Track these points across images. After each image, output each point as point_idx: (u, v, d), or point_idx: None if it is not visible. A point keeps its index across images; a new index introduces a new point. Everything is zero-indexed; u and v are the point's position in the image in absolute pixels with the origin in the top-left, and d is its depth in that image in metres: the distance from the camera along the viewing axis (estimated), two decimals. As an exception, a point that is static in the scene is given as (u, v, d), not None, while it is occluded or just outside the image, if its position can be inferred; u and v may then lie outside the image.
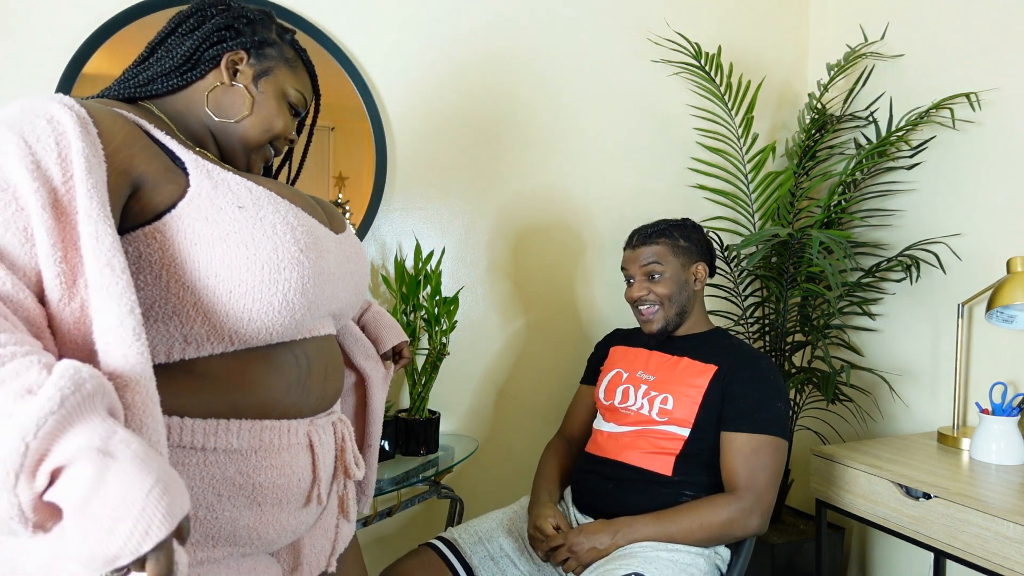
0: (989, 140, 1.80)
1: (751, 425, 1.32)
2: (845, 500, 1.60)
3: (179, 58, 0.83)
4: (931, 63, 1.95)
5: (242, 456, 0.72)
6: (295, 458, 0.76)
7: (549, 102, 1.98)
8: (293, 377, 0.77)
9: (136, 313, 0.59)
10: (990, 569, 1.30)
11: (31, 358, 0.50)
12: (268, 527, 0.75)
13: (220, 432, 0.70)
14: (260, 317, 0.70)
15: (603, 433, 1.47)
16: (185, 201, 0.69)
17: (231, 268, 0.68)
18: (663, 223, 1.50)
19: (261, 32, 0.89)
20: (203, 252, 0.67)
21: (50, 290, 0.58)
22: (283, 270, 0.71)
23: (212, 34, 0.85)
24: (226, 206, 0.70)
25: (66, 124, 0.62)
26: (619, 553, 1.26)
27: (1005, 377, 1.74)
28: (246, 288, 0.68)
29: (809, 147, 2.12)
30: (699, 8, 2.15)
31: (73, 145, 0.61)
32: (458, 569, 1.31)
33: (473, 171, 1.90)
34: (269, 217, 0.72)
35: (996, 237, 1.78)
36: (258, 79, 0.88)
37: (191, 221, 0.68)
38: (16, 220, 0.58)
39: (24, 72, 1.50)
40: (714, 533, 1.27)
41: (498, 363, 1.96)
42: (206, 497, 0.70)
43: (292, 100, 0.91)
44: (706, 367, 1.41)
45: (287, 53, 0.91)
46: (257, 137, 0.88)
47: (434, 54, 1.84)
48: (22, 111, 0.63)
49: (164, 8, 1.58)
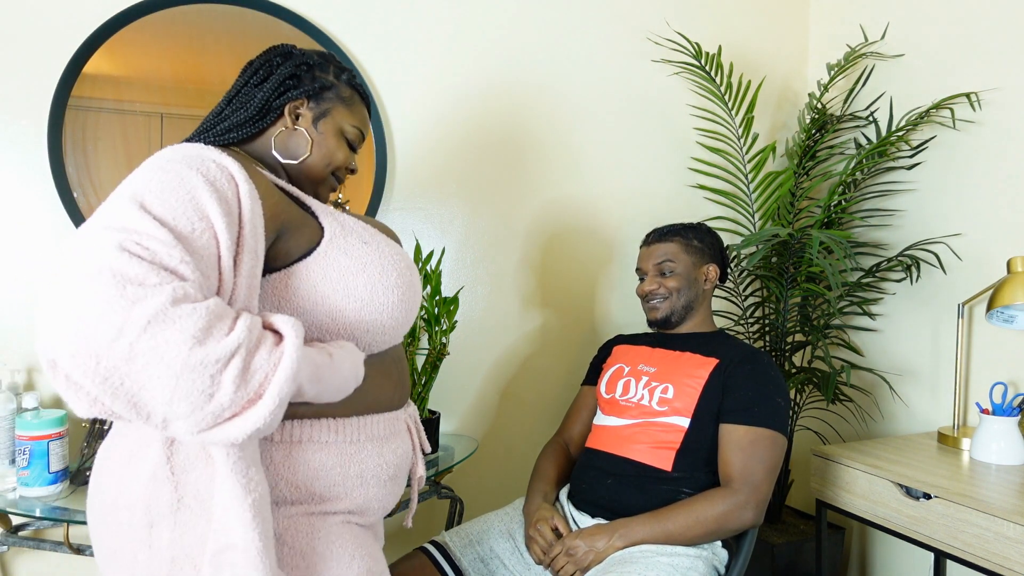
0: (989, 140, 1.80)
1: (749, 418, 1.33)
2: (845, 500, 1.60)
3: (253, 109, 0.94)
4: (931, 63, 1.95)
5: (380, 442, 0.87)
6: (404, 441, 0.93)
7: (549, 102, 1.98)
8: (397, 376, 0.93)
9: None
10: (990, 569, 1.30)
11: (256, 323, 0.67)
12: (390, 498, 0.91)
13: (365, 425, 0.86)
14: (392, 330, 0.88)
15: (604, 428, 1.47)
16: (326, 240, 0.83)
17: (373, 293, 0.83)
18: (679, 224, 1.56)
19: (320, 77, 0.98)
20: (348, 282, 0.82)
21: None
22: (407, 290, 0.88)
23: (279, 85, 0.95)
24: (356, 242, 0.85)
25: (232, 168, 0.74)
26: (619, 558, 1.26)
27: (1005, 377, 1.74)
28: (385, 307, 0.85)
29: (809, 147, 2.12)
30: (699, 8, 2.15)
31: (241, 188, 0.73)
32: (448, 572, 1.31)
33: (473, 171, 1.90)
34: (384, 248, 0.87)
35: (996, 237, 1.78)
36: (317, 121, 0.97)
37: (335, 256, 0.82)
38: (210, 248, 0.68)
39: (24, 72, 1.50)
40: (710, 528, 1.27)
41: (498, 363, 1.96)
42: (354, 480, 0.84)
43: (350, 136, 1.00)
44: (707, 360, 1.42)
45: (344, 92, 1.00)
46: (320, 171, 0.98)
47: (434, 54, 1.84)
48: (186, 156, 0.73)
49: (163, 8, 1.58)
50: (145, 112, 1.59)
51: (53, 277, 0.62)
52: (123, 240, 0.63)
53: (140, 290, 0.60)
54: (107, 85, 1.55)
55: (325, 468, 0.81)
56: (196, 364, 0.60)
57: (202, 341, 0.61)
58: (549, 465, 1.53)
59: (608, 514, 1.37)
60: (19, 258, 1.52)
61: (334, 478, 0.82)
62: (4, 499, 1.31)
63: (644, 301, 1.54)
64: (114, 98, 1.57)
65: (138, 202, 0.67)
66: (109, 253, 0.61)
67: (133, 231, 0.64)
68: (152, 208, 0.66)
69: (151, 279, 0.61)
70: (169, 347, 0.59)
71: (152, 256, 0.63)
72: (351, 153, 1.02)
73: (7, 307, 1.51)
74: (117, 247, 0.62)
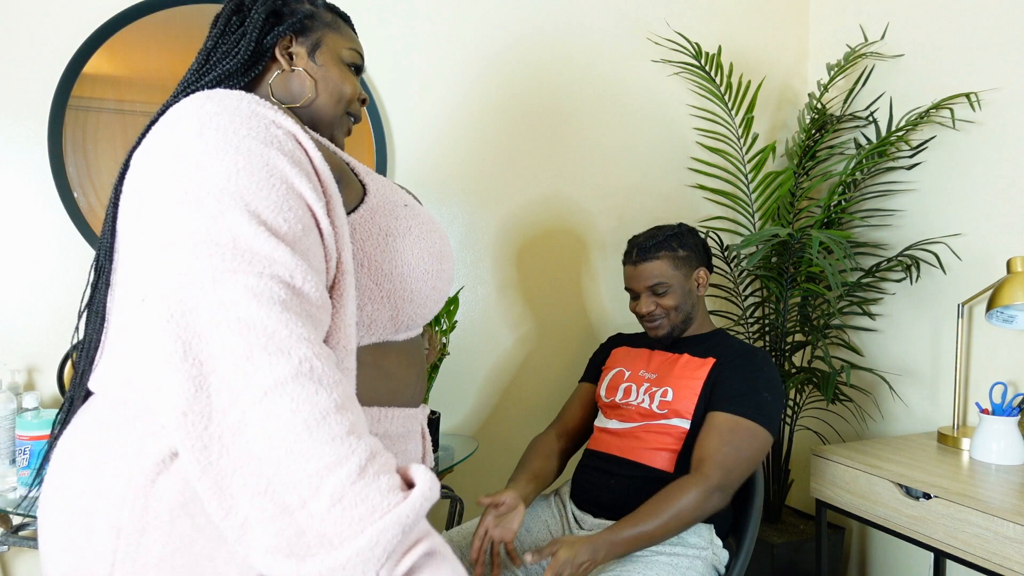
0: (989, 140, 1.80)
1: (732, 407, 1.32)
2: (845, 500, 1.60)
3: (242, 56, 0.83)
4: (931, 63, 1.95)
5: (392, 441, 0.77)
6: (415, 445, 0.83)
7: (549, 102, 1.98)
8: (418, 366, 0.84)
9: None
10: (990, 569, 1.30)
11: (389, 456, 0.57)
12: None
13: (383, 419, 0.76)
14: (429, 301, 0.79)
15: (606, 430, 1.47)
16: (372, 196, 0.76)
17: (418, 257, 0.76)
18: (659, 234, 1.49)
19: (299, 8, 0.88)
20: (394, 243, 0.74)
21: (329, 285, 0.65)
22: (445, 259, 0.80)
23: (261, 24, 0.85)
24: (397, 203, 0.78)
25: (295, 130, 0.67)
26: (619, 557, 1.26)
27: (1005, 377, 1.74)
28: (427, 275, 0.77)
29: (809, 147, 2.12)
30: (699, 8, 2.15)
31: (312, 153, 0.66)
32: None
33: (473, 171, 1.90)
34: (421, 213, 0.80)
35: (996, 237, 1.78)
36: (313, 55, 0.87)
37: (382, 215, 0.75)
38: (309, 223, 0.62)
39: (24, 72, 1.50)
40: (689, 516, 1.25)
41: (498, 363, 1.96)
42: None
43: (349, 60, 0.90)
44: (705, 360, 1.42)
45: (326, 17, 0.90)
46: (332, 110, 0.88)
47: (434, 54, 1.84)
48: (251, 126, 0.63)
49: (163, 8, 1.58)
50: (145, 112, 1.59)
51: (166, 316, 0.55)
52: (259, 281, 0.55)
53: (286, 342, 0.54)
54: (107, 85, 1.55)
55: None
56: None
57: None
58: (532, 457, 1.49)
59: (611, 514, 1.37)
60: (19, 258, 1.52)
61: None
62: (4, 499, 1.31)
63: (642, 320, 1.51)
64: (114, 98, 1.57)
65: (251, 211, 0.58)
66: (251, 301, 0.54)
67: (264, 259, 0.56)
68: (268, 219, 0.58)
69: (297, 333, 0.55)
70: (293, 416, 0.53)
71: (292, 295, 0.56)
72: (356, 79, 0.91)
73: (7, 307, 1.51)
74: (255, 294, 0.55)
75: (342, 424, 0.54)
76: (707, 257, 1.54)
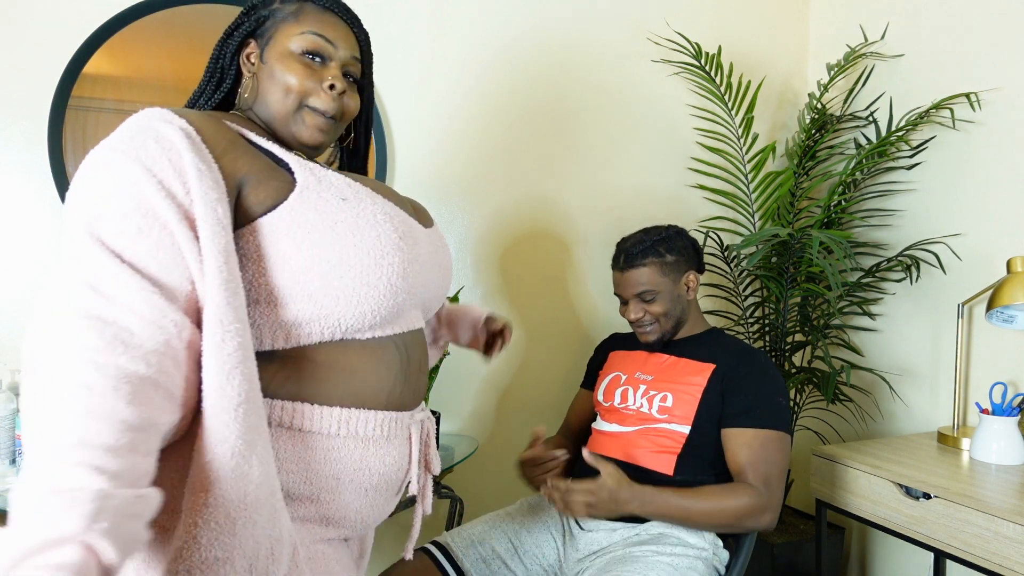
0: (989, 140, 1.80)
1: (754, 420, 1.33)
2: (845, 500, 1.60)
3: (208, 75, 0.88)
4: (931, 63, 1.95)
5: (366, 444, 0.77)
6: (399, 449, 0.82)
7: (549, 102, 1.98)
8: (398, 368, 0.81)
9: (241, 297, 0.67)
10: (990, 569, 1.30)
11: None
12: (371, 511, 0.81)
13: (350, 420, 0.75)
14: (367, 300, 0.75)
15: (604, 433, 1.47)
16: (295, 194, 0.74)
17: (341, 254, 0.73)
18: (647, 239, 1.45)
19: (260, 11, 0.86)
20: (316, 238, 0.72)
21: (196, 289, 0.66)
22: (387, 255, 0.76)
23: (225, 41, 0.87)
24: (331, 198, 0.75)
25: (173, 139, 0.68)
26: (619, 557, 1.26)
27: (1005, 377, 1.74)
28: (355, 272, 0.73)
29: (809, 147, 2.12)
30: (699, 8, 2.15)
31: (184, 157, 0.68)
32: (449, 573, 1.31)
33: (472, 171, 1.90)
34: (369, 208, 0.77)
35: (996, 237, 1.78)
36: (262, 54, 0.86)
37: (303, 212, 0.73)
38: (164, 239, 0.65)
39: (24, 72, 1.50)
40: (729, 520, 1.26)
41: (498, 364, 1.96)
42: (327, 481, 0.75)
43: (300, 48, 0.84)
44: (704, 365, 1.41)
45: (287, 10, 0.86)
46: (281, 106, 0.84)
47: (433, 55, 1.84)
48: (131, 135, 0.69)
49: (164, 8, 1.58)
50: (145, 112, 1.59)
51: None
52: (90, 298, 0.61)
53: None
54: (107, 85, 1.55)
55: (293, 460, 0.73)
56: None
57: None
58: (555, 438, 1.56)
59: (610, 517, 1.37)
60: (19, 258, 1.52)
61: (303, 474, 0.74)
62: (4, 499, 1.31)
63: (632, 325, 1.50)
64: (114, 98, 1.57)
65: (96, 236, 0.64)
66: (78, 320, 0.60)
67: (96, 278, 0.62)
68: (111, 243, 0.64)
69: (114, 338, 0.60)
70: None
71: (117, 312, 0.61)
72: (311, 72, 0.84)
73: (7, 307, 1.51)
74: (84, 313, 0.60)
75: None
76: (698, 259, 1.50)
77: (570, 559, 1.36)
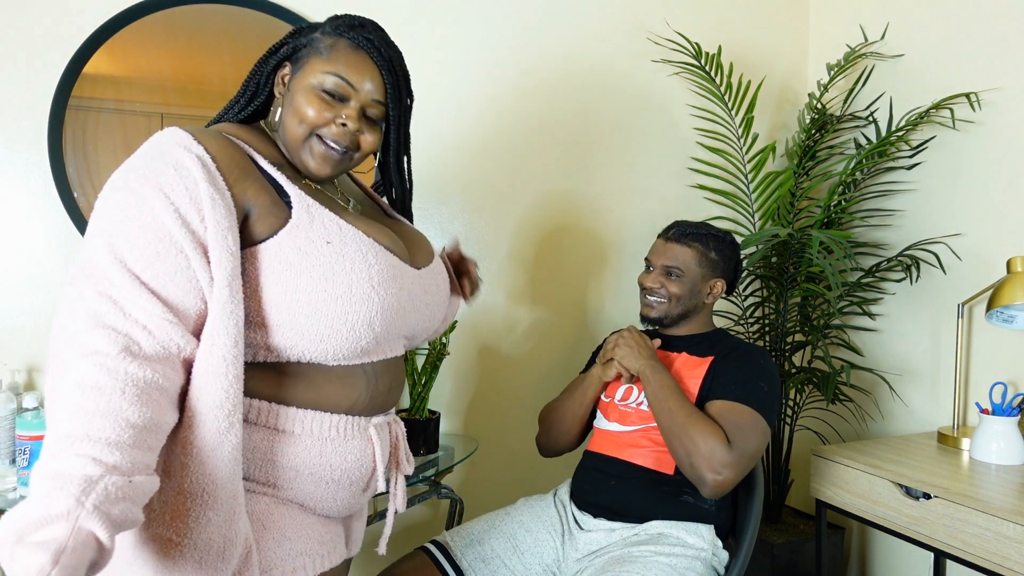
0: (989, 140, 1.80)
1: (728, 394, 1.33)
2: (845, 500, 1.60)
3: (243, 88, 0.93)
4: (931, 63, 1.95)
5: (323, 442, 0.85)
6: (360, 448, 0.89)
7: (549, 102, 1.98)
8: (362, 389, 0.89)
9: (240, 316, 0.75)
10: (990, 569, 1.30)
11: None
12: (333, 501, 0.89)
13: (304, 420, 0.84)
14: (329, 341, 0.82)
15: (605, 432, 1.47)
16: (285, 231, 0.80)
17: (311, 296, 0.79)
18: (704, 229, 1.49)
19: (303, 37, 0.90)
20: (291, 279, 0.79)
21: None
22: (354, 304, 0.81)
23: (266, 59, 0.92)
24: (317, 240, 0.81)
25: (191, 168, 0.76)
26: (617, 557, 1.26)
27: (1005, 377, 1.74)
28: (320, 316, 0.80)
29: (809, 147, 2.12)
30: (699, 8, 2.15)
31: (200, 187, 0.75)
32: (449, 572, 1.31)
33: (472, 171, 1.90)
34: (351, 255, 0.82)
35: (996, 237, 1.78)
36: (291, 80, 0.90)
37: (286, 250, 0.80)
38: (180, 263, 0.73)
39: (24, 72, 1.50)
40: (692, 450, 1.25)
41: (498, 363, 1.96)
42: (286, 472, 0.84)
43: (320, 84, 0.87)
44: (703, 360, 1.43)
45: (323, 43, 0.89)
46: (294, 134, 0.88)
47: (433, 54, 1.84)
48: (153, 159, 0.77)
49: (163, 8, 1.58)
50: (145, 112, 1.59)
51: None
52: (108, 310, 0.71)
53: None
54: (107, 85, 1.56)
55: (259, 452, 0.82)
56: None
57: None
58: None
59: (610, 515, 1.37)
60: (19, 258, 1.52)
61: (264, 464, 0.83)
62: (4, 499, 1.31)
63: (642, 293, 1.52)
64: (114, 98, 1.57)
65: (118, 256, 0.72)
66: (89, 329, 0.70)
67: (116, 294, 0.71)
68: (131, 264, 0.72)
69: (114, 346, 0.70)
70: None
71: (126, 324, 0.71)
72: (328, 105, 0.87)
73: (7, 307, 1.51)
74: (96, 321, 0.70)
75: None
76: (733, 275, 1.53)
77: (569, 559, 1.36)
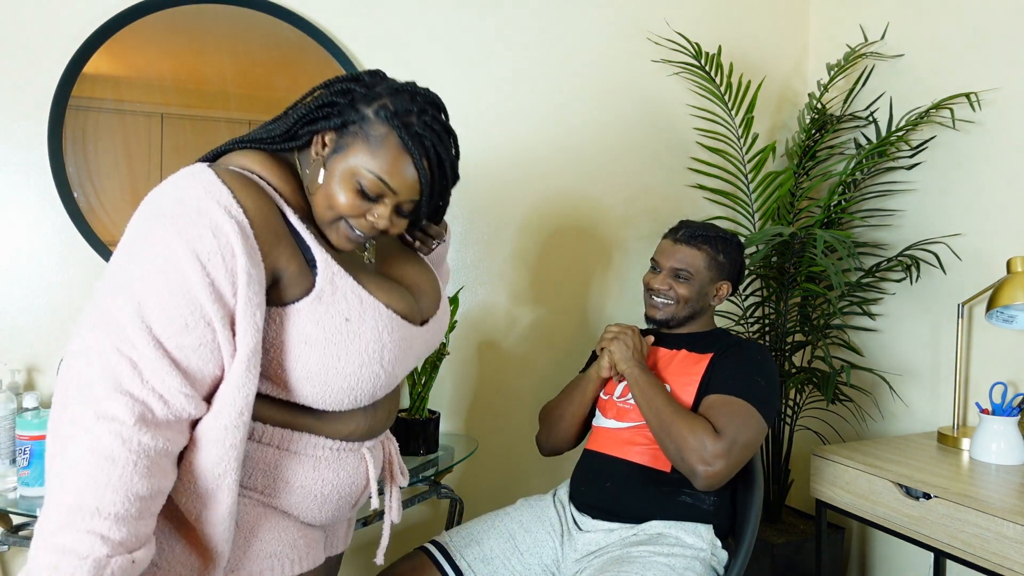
0: (989, 140, 1.80)
1: (725, 388, 1.34)
2: (845, 500, 1.60)
3: (281, 129, 0.88)
4: (931, 63, 1.95)
5: (316, 460, 0.90)
6: (354, 466, 0.93)
7: (549, 102, 1.98)
8: (361, 421, 0.93)
9: (249, 398, 0.78)
10: (990, 569, 1.30)
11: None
12: (319, 512, 0.93)
13: (298, 441, 0.88)
14: (334, 404, 0.87)
15: (603, 429, 1.47)
16: (307, 301, 0.82)
17: (321, 369, 0.83)
18: (713, 230, 1.49)
19: (355, 111, 0.84)
20: (305, 351, 0.82)
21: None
22: (361, 381, 0.86)
23: (313, 111, 0.86)
24: (336, 315, 0.83)
25: (230, 236, 0.75)
26: (616, 557, 1.26)
27: (1005, 377, 1.74)
28: (327, 388, 0.84)
29: (809, 147, 2.12)
30: (699, 8, 2.15)
31: (238, 261, 0.75)
32: (448, 572, 1.32)
33: (472, 171, 1.90)
34: (366, 334, 0.84)
35: (996, 237, 1.78)
36: (331, 156, 0.85)
37: (305, 320, 0.82)
38: (207, 336, 0.75)
39: (24, 72, 1.50)
40: (677, 443, 1.27)
41: (498, 363, 1.96)
42: (279, 483, 0.88)
43: (363, 184, 0.83)
44: (702, 356, 1.43)
45: (375, 131, 0.83)
46: (322, 214, 0.85)
47: (433, 54, 1.84)
48: (189, 214, 0.75)
49: (164, 8, 1.58)
50: (145, 112, 1.59)
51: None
52: (127, 374, 0.72)
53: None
54: (107, 85, 1.56)
55: (259, 464, 0.86)
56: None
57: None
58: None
59: (609, 516, 1.37)
60: (19, 258, 1.52)
61: (260, 474, 0.87)
62: (5, 499, 1.31)
63: (648, 294, 1.51)
64: (114, 98, 1.57)
65: (145, 321, 0.72)
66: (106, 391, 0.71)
67: (138, 358, 0.72)
68: (156, 331, 0.73)
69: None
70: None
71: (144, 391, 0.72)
72: (360, 202, 0.84)
73: (7, 307, 1.51)
74: (114, 385, 0.71)
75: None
76: (738, 277, 1.53)
77: (568, 559, 1.36)
